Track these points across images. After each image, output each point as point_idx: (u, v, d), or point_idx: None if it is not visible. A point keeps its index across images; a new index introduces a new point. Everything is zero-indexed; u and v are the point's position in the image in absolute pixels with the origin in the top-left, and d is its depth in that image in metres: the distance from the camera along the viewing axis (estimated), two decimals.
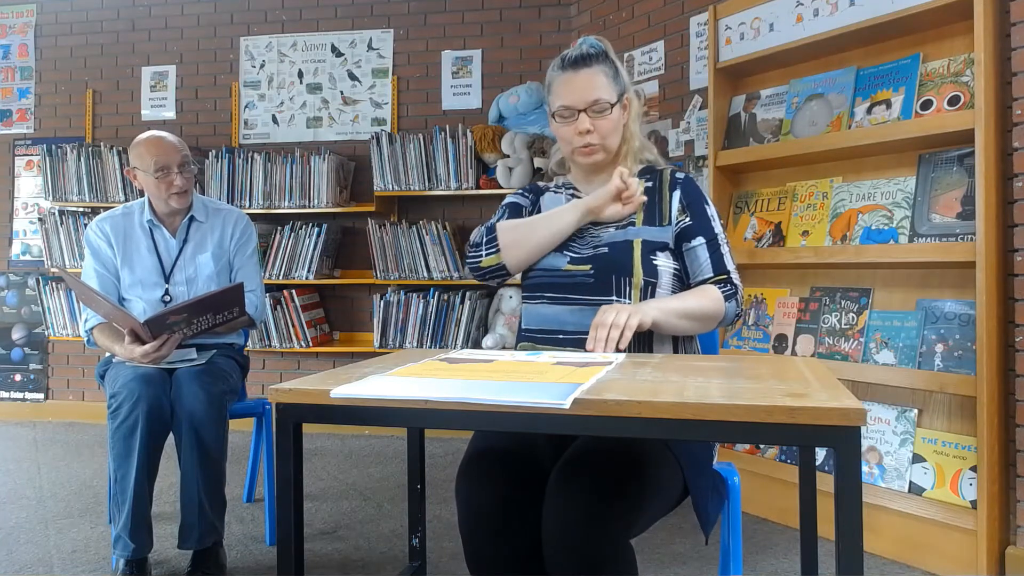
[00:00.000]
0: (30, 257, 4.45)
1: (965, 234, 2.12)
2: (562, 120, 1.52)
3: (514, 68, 4.03)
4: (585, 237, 1.53)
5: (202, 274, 2.31)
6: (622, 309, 1.34)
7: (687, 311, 1.42)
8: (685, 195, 1.53)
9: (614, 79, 1.51)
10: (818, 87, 2.55)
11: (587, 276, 1.47)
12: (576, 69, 1.50)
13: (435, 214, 4.00)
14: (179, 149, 2.25)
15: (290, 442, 1.05)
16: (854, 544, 0.84)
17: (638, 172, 1.57)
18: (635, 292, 1.46)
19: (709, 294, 1.46)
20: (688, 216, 1.51)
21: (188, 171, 2.25)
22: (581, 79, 1.49)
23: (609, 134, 1.52)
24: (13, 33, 4.50)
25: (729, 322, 1.50)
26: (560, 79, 1.52)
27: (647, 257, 1.47)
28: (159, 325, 1.99)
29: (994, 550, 2.02)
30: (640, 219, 1.52)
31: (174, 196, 2.24)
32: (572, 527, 1.14)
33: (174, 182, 2.21)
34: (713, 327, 1.50)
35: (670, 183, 1.55)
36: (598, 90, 1.49)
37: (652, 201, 1.53)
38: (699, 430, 0.90)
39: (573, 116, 1.50)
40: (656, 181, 1.56)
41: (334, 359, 4.07)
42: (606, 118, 1.50)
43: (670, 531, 2.37)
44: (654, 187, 1.55)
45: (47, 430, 4.10)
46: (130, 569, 1.98)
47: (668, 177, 1.56)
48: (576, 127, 1.49)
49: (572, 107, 1.49)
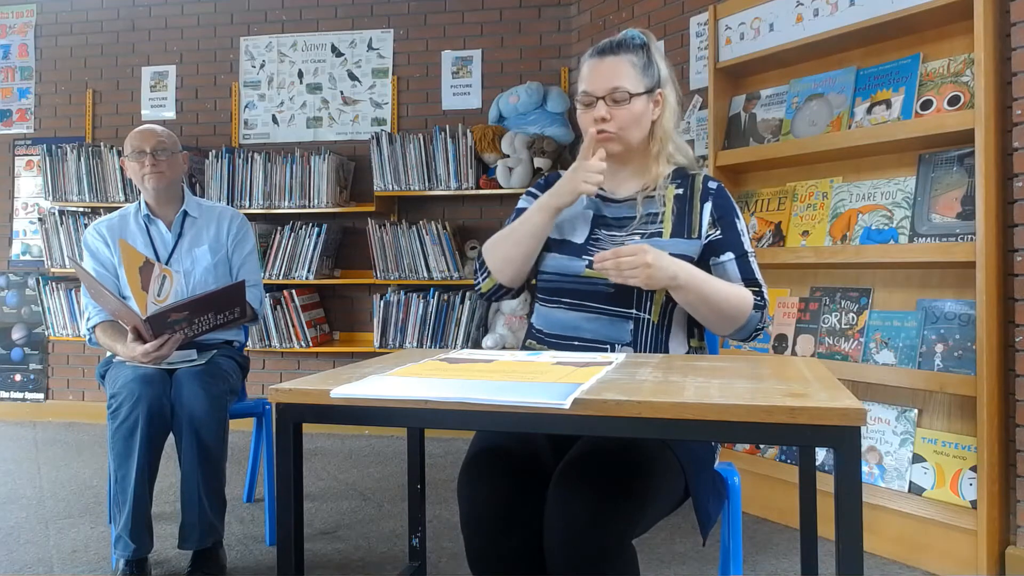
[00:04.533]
0: (30, 257, 4.45)
1: (965, 234, 2.12)
2: (582, 107, 1.49)
3: (514, 68, 4.02)
4: (608, 242, 1.48)
5: (199, 266, 2.33)
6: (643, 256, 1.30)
7: (714, 290, 1.37)
8: (716, 208, 1.47)
9: (643, 70, 1.46)
10: (818, 87, 2.55)
11: (607, 285, 1.41)
12: (603, 56, 1.47)
13: (435, 214, 3.99)
14: (157, 136, 2.32)
15: (290, 442, 1.05)
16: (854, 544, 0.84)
17: (668, 175, 1.52)
18: (656, 308, 1.43)
19: (741, 292, 1.41)
20: (718, 230, 1.46)
21: (163, 155, 2.31)
22: (605, 66, 1.46)
23: (628, 125, 1.46)
24: (13, 33, 4.50)
25: (748, 333, 1.44)
26: (587, 65, 1.49)
27: None
28: (161, 323, 1.99)
29: (994, 550, 2.02)
30: (668, 230, 1.46)
31: (147, 176, 2.30)
32: (574, 527, 1.14)
33: (145, 164, 2.28)
34: (730, 331, 1.44)
35: (702, 193, 1.49)
36: (620, 78, 1.44)
37: (682, 210, 1.48)
38: (699, 430, 0.90)
39: (592, 103, 1.46)
40: (687, 189, 1.50)
41: (334, 359, 4.07)
42: (625, 108, 1.45)
43: (670, 531, 2.37)
44: (684, 195, 1.49)
45: (47, 430, 4.10)
46: (130, 569, 1.98)
47: (700, 186, 1.49)
48: (593, 114, 1.46)
49: (591, 93, 1.46)
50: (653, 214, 1.48)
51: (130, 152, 2.30)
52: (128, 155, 2.32)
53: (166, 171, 2.31)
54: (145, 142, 2.29)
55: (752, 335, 1.46)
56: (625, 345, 1.42)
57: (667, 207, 1.48)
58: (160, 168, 2.30)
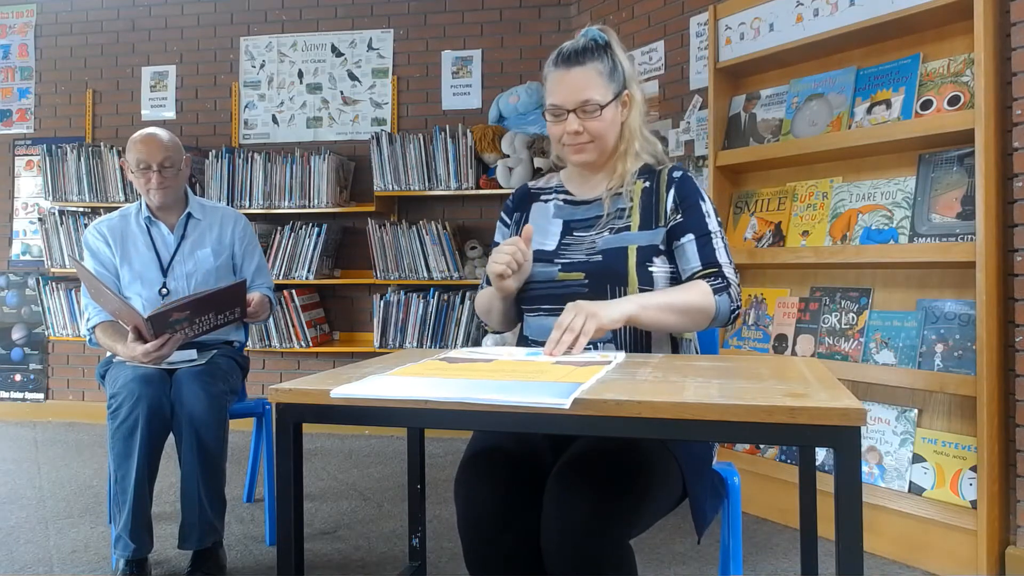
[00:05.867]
0: (30, 257, 4.45)
1: (965, 234, 2.12)
2: (552, 118, 1.49)
3: (514, 68, 4.02)
4: (578, 242, 1.49)
5: (202, 268, 2.32)
6: (581, 310, 1.27)
7: (670, 304, 1.35)
8: (679, 193, 1.47)
9: (610, 76, 1.46)
10: (818, 87, 2.55)
11: (581, 285, 1.43)
12: (569, 66, 1.45)
13: (435, 214, 3.99)
14: (165, 149, 2.25)
15: (290, 442, 1.05)
16: (854, 544, 0.84)
17: (636, 172, 1.53)
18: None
19: (696, 287, 1.39)
20: (680, 214, 1.46)
21: (170, 171, 2.26)
22: (573, 77, 1.45)
23: (601, 134, 1.47)
24: (13, 33, 4.50)
25: (725, 319, 1.41)
26: (553, 76, 1.48)
27: (642, 264, 1.43)
28: (162, 323, 1.99)
29: (994, 550, 2.02)
30: (636, 223, 1.47)
31: (153, 192, 2.26)
32: (572, 527, 1.14)
33: (151, 179, 2.24)
34: (707, 324, 1.41)
35: (667, 183, 1.49)
36: (589, 90, 1.44)
37: (648, 203, 1.49)
38: (699, 430, 0.90)
39: (563, 115, 1.46)
40: (654, 182, 1.51)
41: (334, 359, 4.07)
42: (596, 119, 1.45)
43: (670, 531, 2.37)
44: (651, 188, 1.50)
45: (47, 430, 4.10)
46: (130, 569, 1.98)
47: (665, 177, 1.50)
48: (565, 127, 1.46)
49: (561, 107, 1.46)
50: (620, 209, 1.50)
51: (134, 164, 2.25)
52: (132, 167, 2.26)
53: (172, 185, 2.28)
54: (151, 157, 2.23)
55: (731, 318, 1.43)
56: (606, 342, 1.43)
57: (635, 201, 1.49)
58: (166, 184, 2.26)
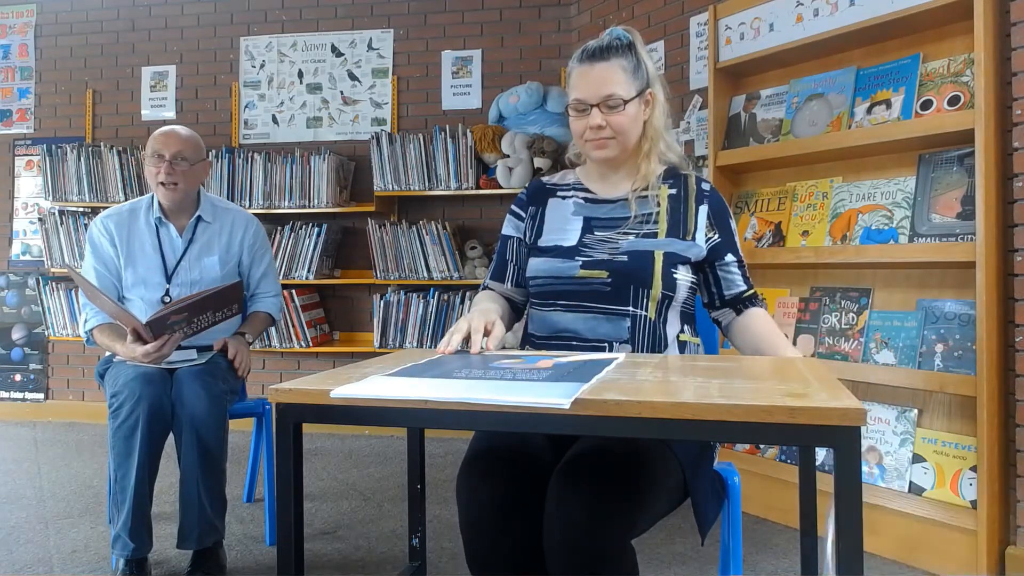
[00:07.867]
0: (30, 257, 4.45)
1: (965, 234, 2.12)
2: (575, 114, 1.49)
3: (514, 68, 4.02)
4: (600, 241, 1.49)
5: (207, 277, 2.28)
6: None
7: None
8: (713, 211, 1.51)
9: (634, 73, 1.47)
10: (818, 87, 2.55)
11: (603, 284, 1.43)
12: (593, 62, 1.47)
13: (435, 214, 3.99)
14: (181, 142, 2.22)
15: (290, 442, 1.04)
16: (854, 544, 0.84)
17: (660, 174, 1.53)
18: (652, 304, 1.43)
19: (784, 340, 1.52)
20: (717, 234, 1.50)
21: (182, 165, 2.21)
22: (597, 72, 1.46)
23: (624, 130, 1.47)
24: (13, 33, 4.50)
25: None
26: (577, 71, 1.49)
27: (668, 270, 1.43)
28: (161, 325, 1.99)
29: (994, 550, 2.02)
30: (663, 230, 1.47)
31: (160, 186, 2.22)
32: (573, 527, 1.14)
33: (161, 170, 2.19)
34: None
35: (696, 195, 1.51)
36: (613, 85, 1.45)
37: (676, 211, 1.49)
38: (699, 430, 0.90)
39: (586, 110, 1.47)
40: (681, 189, 1.52)
41: (334, 359, 4.06)
42: (620, 114, 1.45)
43: (670, 531, 2.37)
44: (679, 195, 1.51)
45: (47, 430, 4.10)
46: (130, 569, 1.98)
47: (694, 187, 1.52)
48: (588, 122, 1.47)
49: (585, 101, 1.46)
50: (647, 214, 1.50)
51: (149, 152, 2.21)
52: (148, 155, 2.22)
53: (180, 182, 2.22)
54: (166, 147, 2.20)
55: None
56: (623, 343, 1.42)
57: (662, 207, 1.50)
58: (175, 178, 2.20)
